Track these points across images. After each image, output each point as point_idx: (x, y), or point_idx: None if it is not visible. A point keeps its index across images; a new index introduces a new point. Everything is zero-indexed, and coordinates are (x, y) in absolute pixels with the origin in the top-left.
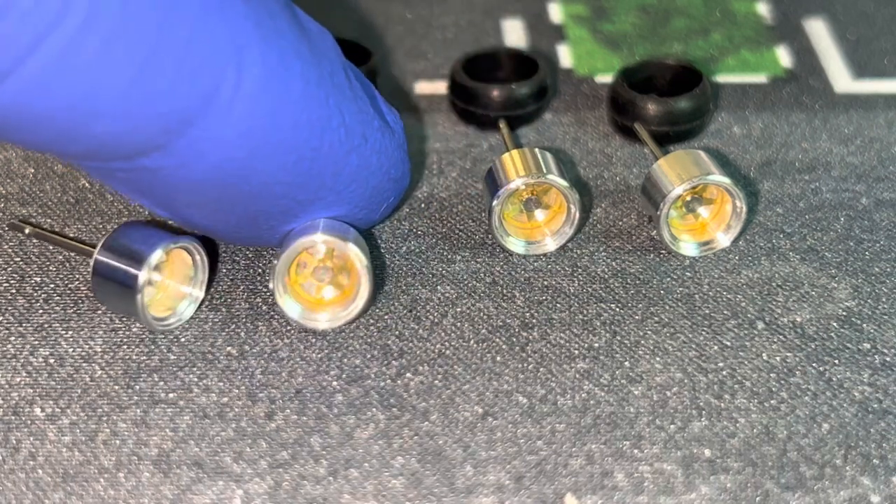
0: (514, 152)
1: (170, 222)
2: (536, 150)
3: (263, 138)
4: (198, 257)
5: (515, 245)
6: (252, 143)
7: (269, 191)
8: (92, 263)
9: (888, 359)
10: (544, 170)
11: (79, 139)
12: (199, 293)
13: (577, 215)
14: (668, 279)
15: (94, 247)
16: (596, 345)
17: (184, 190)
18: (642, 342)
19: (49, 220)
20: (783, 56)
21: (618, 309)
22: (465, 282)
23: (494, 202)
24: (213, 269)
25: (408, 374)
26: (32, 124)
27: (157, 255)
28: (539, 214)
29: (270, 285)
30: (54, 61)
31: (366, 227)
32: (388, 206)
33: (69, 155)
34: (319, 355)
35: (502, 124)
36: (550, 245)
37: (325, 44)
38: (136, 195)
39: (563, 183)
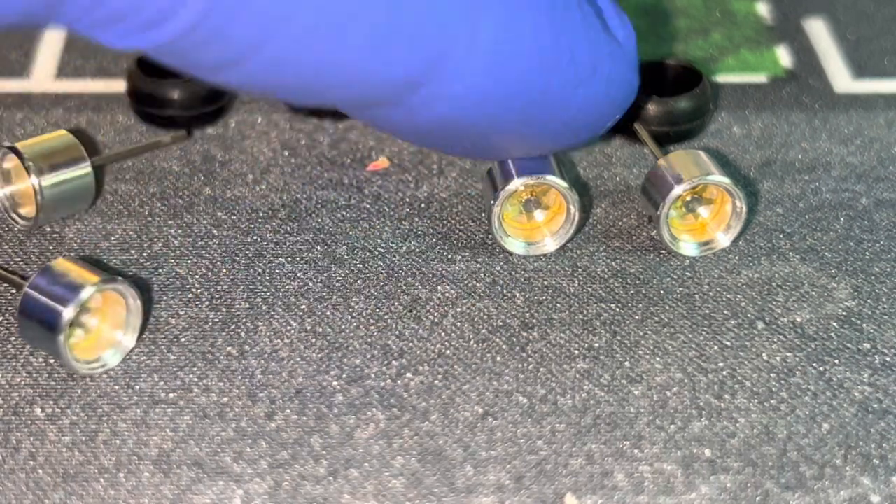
0: None
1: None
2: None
3: (492, 91)
4: (131, 302)
5: (515, 246)
6: (480, 96)
7: (495, 130)
8: (21, 297)
9: (888, 359)
10: (544, 170)
11: (311, 101)
12: (131, 341)
13: (577, 216)
14: (668, 279)
15: (25, 279)
16: (596, 345)
17: (410, 130)
18: (642, 342)
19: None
20: (783, 56)
21: (618, 309)
22: (466, 282)
23: (494, 203)
24: (146, 317)
25: (408, 374)
26: (272, 92)
27: (86, 293)
28: (538, 215)
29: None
30: (296, 39)
31: (586, 145)
32: (613, 122)
33: (308, 105)
34: (319, 355)
35: None
36: (550, 245)
37: None
38: (368, 123)
39: (563, 184)
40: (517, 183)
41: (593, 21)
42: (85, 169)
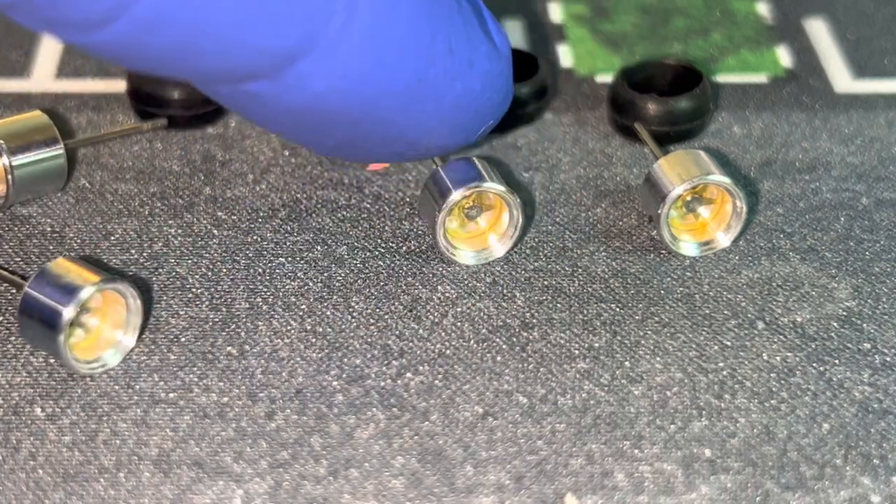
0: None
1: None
2: (472, 158)
3: (368, 72)
4: (131, 301)
5: (465, 257)
6: (356, 76)
7: (371, 118)
8: (21, 297)
9: (888, 359)
10: (481, 177)
11: (189, 67)
12: (131, 341)
13: (520, 218)
14: (669, 279)
15: (25, 279)
16: (596, 345)
17: (285, 113)
18: (642, 342)
19: (49, 220)
20: (783, 56)
21: (618, 309)
22: (466, 282)
23: (437, 218)
24: (146, 316)
25: (408, 374)
26: (143, 55)
27: (86, 292)
28: (482, 221)
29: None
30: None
31: (460, 149)
32: (487, 129)
33: (180, 77)
34: (319, 355)
35: None
36: (498, 250)
37: None
38: (242, 113)
39: (500, 187)
40: (456, 195)
41: (471, 17)
42: (58, 150)
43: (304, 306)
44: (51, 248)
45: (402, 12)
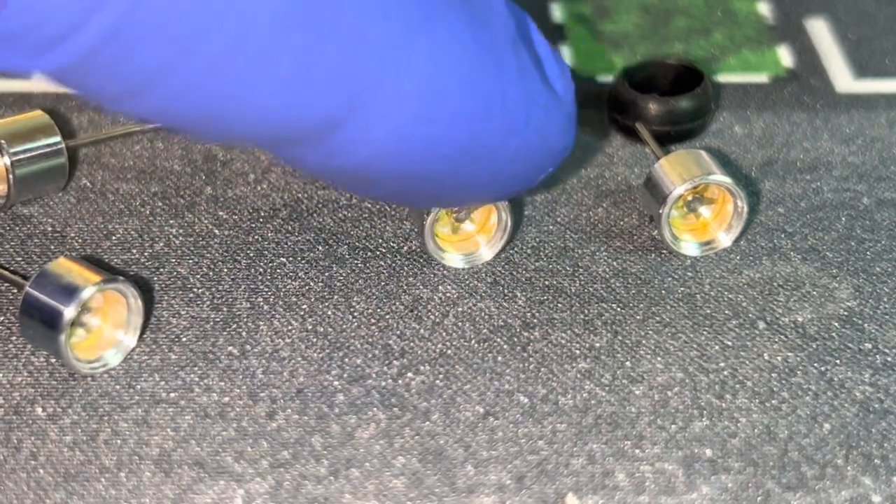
0: None
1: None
2: None
3: (417, 138)
4: (132, 301)
5: (454, 260)
6: (404, 142)
7: (420, 177)
8: (22, 297)
9: (889, 359)
10: None
11: (222, 137)
12: (132, 341)
13: (508, 220)
14: (670, 279)
15: (26, 279)
16: (597, 345)
17: (327, 173)
18: (643, 342)
19: (50, 220)
20: (784, 56)
21: (619, 309)
22: (467, 281)
23: (425, 221)
24: (147, 316)
25: (409, 374)
26: (183, 123)
27: (87, 292)
28: (468, 225)
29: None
30: (205, 69)
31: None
32: (546, 175)
33: (220, 142)
34: (321, 355)
35: None
36: (486, 254)
37: (492, 9)
38: (290, 164)
39: None
40: None
41: (529, 69)
42: (59, 150)
43: (305, 306)
44: (52, 247)
45: (455, 73)
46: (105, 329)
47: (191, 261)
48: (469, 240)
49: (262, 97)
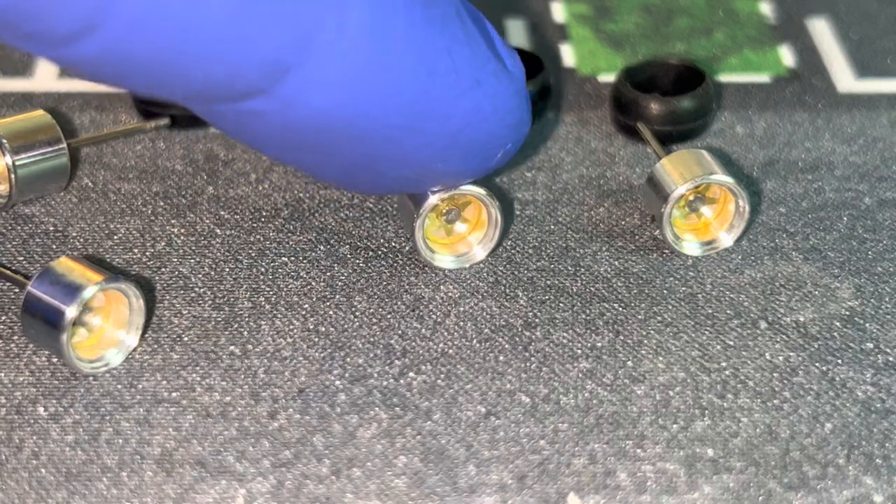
0: None
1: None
2: None
3: (367, 81)
4: (134, 301)
5: (445, 261)
6: (355, 86)
7: (375, 135)
8: (24, 297)
9: (891, 358)
10: None
11: (178, 83)
12: (134, 340)
13: (499, 219)
14: (671, 279)
15: (28, 278)
16: (599, 344)
17: (290, 132)
18: (645, 342)
19: (52, 219)
20: (786, 55)
21: (620, 308)
22: (468, 281)
23: (416, 222)
24: (149, 316)
25: (411, 374)
26: (129, 70)
27: (89, 292)
28: (460, 227)
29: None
30: (146, 3)
31: (482, 176)
32: (506, 154)
33: (173, 97)
34: (322, 354)
35: None
36: (479, 254)
37: None
38: (243, 137)
39: (480, 190)
40: (434, 198)
41: (475, 36)
42: (61, 149)
43: (306, 306)
44: (54, 247)
45: (398, 16)
46: (107, 328)
47: (192, 260)
48: (461, 241)
49: (211, 32)
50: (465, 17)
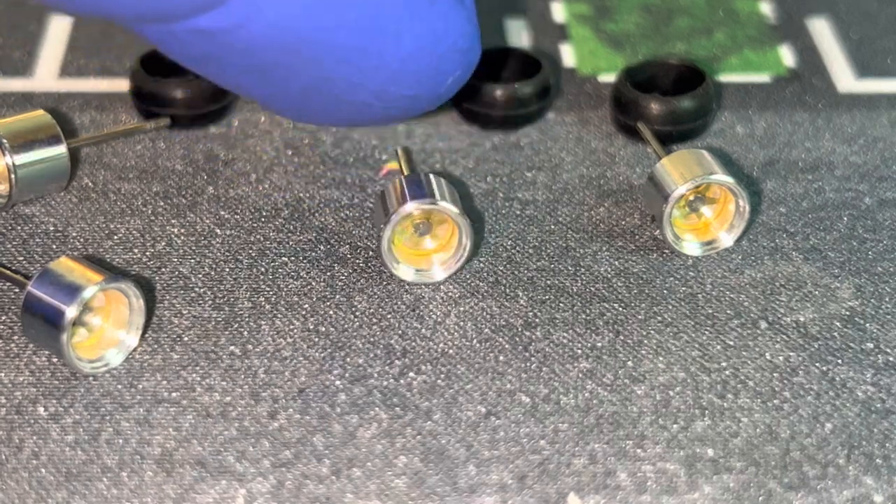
0: (410, 177)
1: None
2: (431, 175)
3: None
4: (134, 301)
5: (405, 272)
6: None
7: (329, 54)
8: (24, 297)
9: (891, 358)
10: (437, 196)
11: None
12: (134, 340)
13: (468, 245)
14: (671, 279)
15: (28, 278)
16: (599, 344)
17: (243, 54)
18: (645, 342)
19: (52, 219)
20: (786, 55)
21: (621, 308)
22: (468, 281)
23: (384, 227)
24: (149, 316)
25: (411, 374)
26: None
27: (89, 292)
28: (429, 242)
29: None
30: None
31: (432, 105)
32: (455, 81)
33: (129, 17)
34: (322, 354)
35: (399, 150)
36: (439, 274)
37: None
38: (197, 63)
39: (454, 209)
40: (411, 206)
41: None
42: (61, 150)
43: (306, 305)
44: (54, 247)
45: None
46: (107, 328)
47: (192, 260)
48: (425, 257)
49: None
50: None
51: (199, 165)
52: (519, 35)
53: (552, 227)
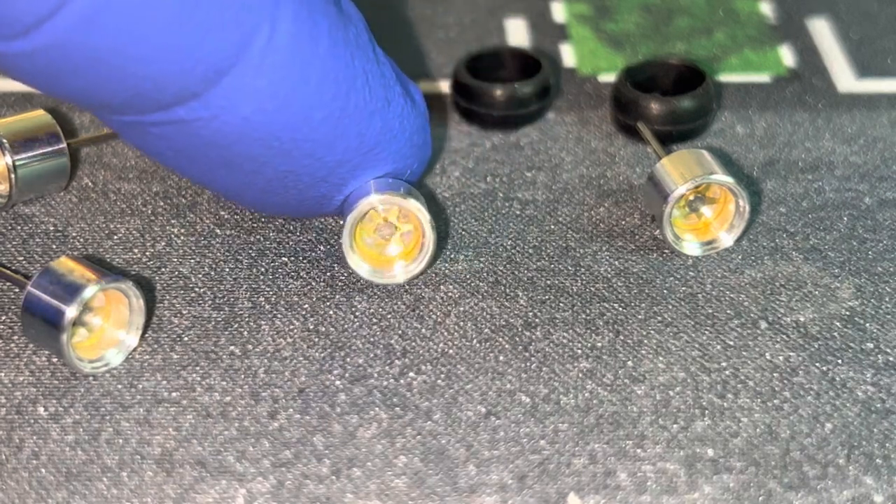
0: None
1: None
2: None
3: (292, 91)
4: (134, 301)
5: (366, 272)
6: (282, 95)
7: (298, 148)
8: (24, 296)
9: (891, 358)
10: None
11: (122, 83)
12: (134, 340)
13: (430, 252)
14: (671, 279)
15: (28, 278)
16: (599, 344)
17: (215, 145)
18: (645, 341)
19: (52, 219)
20: (786, 55)
21: (621, 308)
22: (468, 281)
23: (349, 218)
24: (149, 316)
25: (411, 374)
26: (77, 66)
27: (89, 292)
28: (393, 249)
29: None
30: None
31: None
32: (412, 174)
33: (109, 106)
34: (322, 354)
35: None
36: (400, 276)
37: (350, 9)
38: (167, 156)
39: (428, 219)
40: (374, 197)
41: (384, 59)
42: (61, 149)
43: (306, 305)
44: (54, 247)
45: (320, 32)
46: (107, 328)
47: (192, 260)
48: (388, 262)
49: (158, 30)
50: (374, 42)
51: None
52: (519, 35)
53: (552, 227)
